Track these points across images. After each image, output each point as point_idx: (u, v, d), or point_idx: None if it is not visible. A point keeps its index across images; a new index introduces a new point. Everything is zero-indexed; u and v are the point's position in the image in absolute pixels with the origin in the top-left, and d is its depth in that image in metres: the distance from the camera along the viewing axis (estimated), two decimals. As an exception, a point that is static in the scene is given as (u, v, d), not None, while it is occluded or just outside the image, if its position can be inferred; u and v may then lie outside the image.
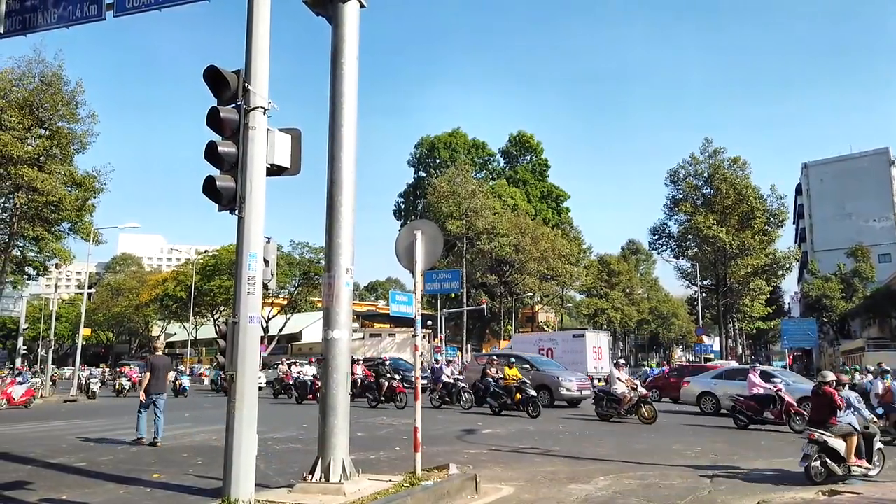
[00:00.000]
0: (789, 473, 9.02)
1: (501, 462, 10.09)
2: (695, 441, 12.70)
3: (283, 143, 7.14)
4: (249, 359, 6.52)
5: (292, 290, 57.22)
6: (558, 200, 73.68)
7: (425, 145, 72.45)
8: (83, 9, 9.11)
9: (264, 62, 6.99)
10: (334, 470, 7.05)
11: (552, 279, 59.84)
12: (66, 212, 33.29)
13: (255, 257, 6.64)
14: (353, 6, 7.88)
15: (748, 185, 50.34)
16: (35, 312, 60.42)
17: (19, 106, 31.17)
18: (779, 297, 74.06)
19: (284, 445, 12.04)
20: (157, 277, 73.57)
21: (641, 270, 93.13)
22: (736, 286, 52.62)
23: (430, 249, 8.51)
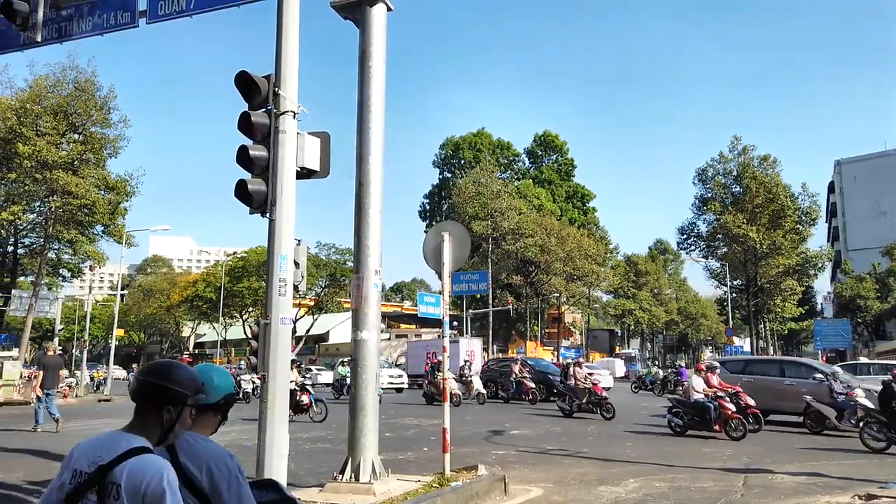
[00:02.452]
0: (823, 477, 8.86)
1: (530, 463, 10.07)
2: (725, 444, 12.53)
3: (313, 147, 7.22)
4: (281, 359, 6.60)
5: (319, 291, 57.70)
6: (584, 200, 73.23)
7: (450, 146, 72.53)
8: (117, 17, 9.31)
9: (294, 67, 7.08)
10: (364, 470, 7.11)
11: (578, 279, 59.49)
12: (99, 215, 33.96)
13: (285, 259, 6.72)
14: (380, 10, 7.94)
15: (778, 184, 49.44)
16: (69, 314, 61.74)
17: (54, 112, 31.89)
18: (811, 297, 72.69)
19: (314, 445, 12.16)
20: (188, 279, 74.81)
21: (669, 270, 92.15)
22: (767, 286, 51.74)
23: (457, 251, 8.53)
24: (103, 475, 2.02)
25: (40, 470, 9.57)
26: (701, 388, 13.74)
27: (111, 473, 2.01)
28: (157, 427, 2.20)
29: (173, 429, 2.24)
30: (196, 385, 2.32)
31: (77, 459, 2.13)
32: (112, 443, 2.10)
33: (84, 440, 2.21)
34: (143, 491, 1.97)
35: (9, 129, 31.13)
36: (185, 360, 65.88)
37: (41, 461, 10.50)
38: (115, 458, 2.04)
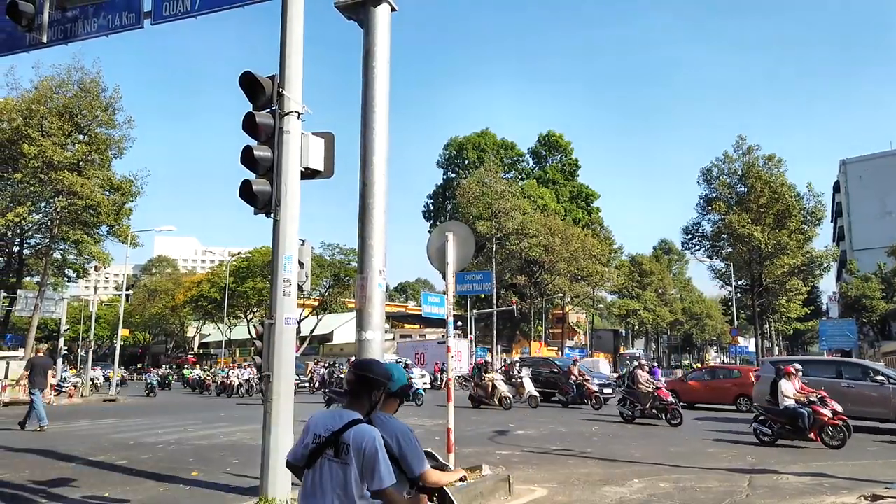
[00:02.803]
0: (829, 477, 8.83)
1: (534, 463, 10.06)
2: (730, 444, 12.50)
3: (317, 147, 7.23)
4: (285, 360, 6.62)
5: (323, 292, 57.79)
6: (588, 200, 73.15)
7: (454, 146, 72.52)
8: (122, 18, 9.34)
9: (298, 67, 7.09)
10: (368, 470, 7.11)
11: (583, 280, 59.43)
12: (104, 215, 34.07)
13: (290, 259, 6.74)
14: (384, 10, 7.94)
15: (783, 183, 49.26)
16: (75, 314, 62.03)
17: (59, 112, 32.01)
18: (816, 297, 72.48)
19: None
20: (192, 279, 75.05)
21: (674, 270, 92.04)
22: (772, 286, 51.56)
23: (461, 251, 8.52)
24: (337, 437, 3.01)
25: (45, 469, 9.61)
26: (792, 394, 12.52)
27: (342, 436, 3.00)
28: (366, 406, 3.22)
29: (375, 407, 3.28)
30: (388, 376, 3.33)
31: (315, 427, 3.13)
32: (339, 416, 3.10)
33: (317, 412, 3.28)
34: (363, 449, 2.96)
35: (14, 129, 31.26)
36: (190, 361, 65.72)
37: (47, 460, 10.54)
38: (343, 426, 3.03)
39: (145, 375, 38.68)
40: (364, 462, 2.96)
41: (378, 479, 2.96)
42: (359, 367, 3.35)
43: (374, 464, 2.98)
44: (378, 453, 2.95)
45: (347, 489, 2.97)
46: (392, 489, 3.02)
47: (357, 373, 3.28)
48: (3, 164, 32.54)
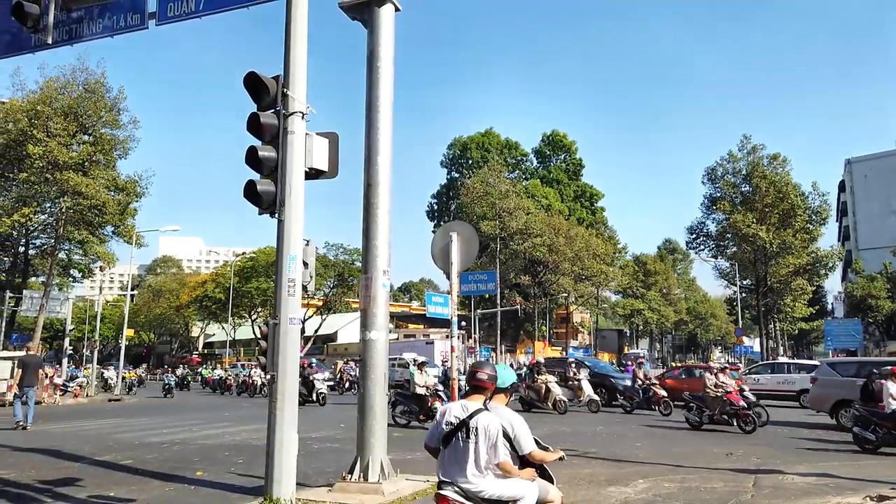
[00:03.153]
0: (834, 478, 8.80)
1: (538, 463, 10.04)
2: (735, 444, 12.46)
3: (321, 147, 7.24)
4: (290, 359, 6.63)
5: (328, 292, 57.85)
6: (592, 200, 73.03)
7: (458, 146, 72.49)
8: (127, 18, 9.37)
9: (302, 67, 7.10)
10: (373, 469, 7.13)
11: (587, 279, 59.35)
12: (109, 215, 34.16)
13: (294, 259, 6.75)
14: (388, 10, 7.96)
15: (788, 183, 49.14)
16: (80, 314, 62.17)
17: (64, 113, 32.12)
18: (821, 297, 72.26)
19: (322, 445, 12.19)
20: (197, 279, 75.20)
21: (678, 270, 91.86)
22: (777, 286, 51.43)
23: (465, 251, 8.53)
24: (466, 422, 4.08)
25: (51, 469, 9.64)
26: None
27: (469, 421, 4.07)
28: (482, 399, 4.32)
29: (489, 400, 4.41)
30: (496, 377, 4.40)
31: (448, 416, 4.21)
32: (465, 407, 4.20)
33: (449, 403, 4.51)
34: (487, 431, 4.03)
35: (20, 130, 31.38)
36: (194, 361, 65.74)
37: (52, 460, 10.57)
38: (469, 414, 4.11)
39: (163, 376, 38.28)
40: (488, 440, 4.04)
41: (498, 453, 4.07)
42: (474, 370, 4.41)
43: (496, 441, 4.06)
44: (498, 434, 4.08)
45: (477, 461, 4.05)
46: (507, 461, 4.13)
47: (473, 374, 4.37)
48: (9, 164, 32.68)
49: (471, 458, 4.04)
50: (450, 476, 4.11)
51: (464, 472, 4.05)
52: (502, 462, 4.07)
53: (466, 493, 4.02)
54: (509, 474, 4.11)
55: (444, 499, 4.00)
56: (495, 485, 4.08)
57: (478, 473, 4.05)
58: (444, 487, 4.07)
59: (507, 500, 4.08)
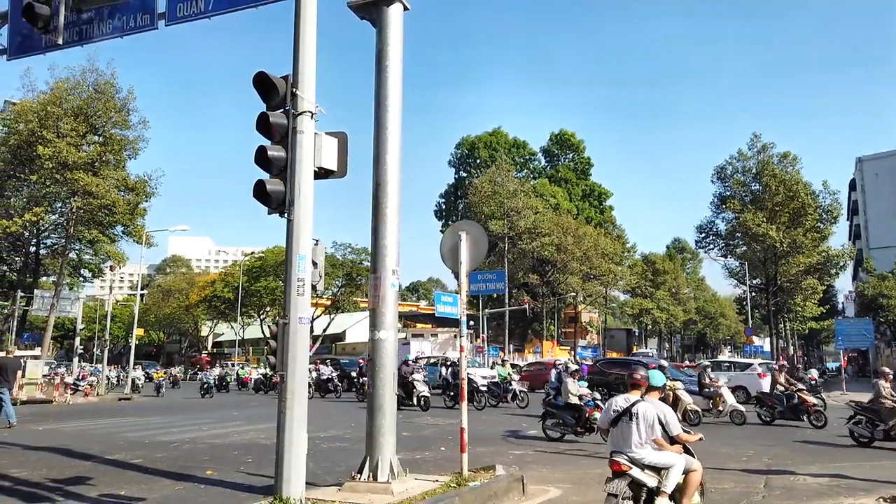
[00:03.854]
0: (846, 479, 8.72)
1: (548, 463, 10.03)
2: (746, 444, 12.38)
3: (330, 147, 7.23)
4: (300, 359, 6.62)
5: (336, 291, 57.96)
6: (601, 199, 72.79)
7: (466, 145, 72.40)
8: (136, 19, 9.41)
9: (311, 67, 7.09)
10: (382, 469, 7.11)
11: (595, 279, 59.17)
12: (119, 215, 34.37)
13: (304, 259, 6.74)
14: (396, 9, 7.94)
15: (799, 181, 48.72)
16: (90, 313, 62.58)
17: (74, 114, 32.32)
18: (832, 296, 71.69)
19: (332, 444, 12.20)
20: (206, 279, 75.56)
21: (688, 270, 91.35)
22: (787, 285, 51.06)
23: (474, 250, 8.48)
24: (629, 410, 5.51)
25: (62, 468, 9.70)
26: None
27: (632, 409, 5.50)
28: (639, 393, 5.70)
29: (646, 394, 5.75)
30: (648, 378, 5.78)
31: (614, 405, 5.66)
32: (626, 399, 5.62)
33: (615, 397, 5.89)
34: (645, 415, 5.44)
35: (30, 131, 31.61)
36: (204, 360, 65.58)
37: (63, 459, 10.63)
38: (631, 403, 5.54)
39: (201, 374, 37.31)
40: (645, 422, 5.49)
41: (654, 432, 5.50)
42: (632, 372, 5.91)
43: (652, 424, 5.49)
44: (654, 418, 5.50)
45: (638, 437, 5.50)
46: (660, 438, 5.53)
47: (631, 376, 5.87)
48: (20, 165, 32.93)
49: (633, 435, 5.50)
50: (619, 448, 5.57)
51: (629, 445, 5.51)
52: (657, 438, 5.51)
53: (632, 460, 5.45)
54: (662, 448, 5.54)
55: (616, 464, 5.45)
56: (652, 455, 5.50)
57: (639, 446, 5.48)
58: (615, 455, 5.52)
59: (662, 466, 5.49)
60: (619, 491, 5.32)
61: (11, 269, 40.56)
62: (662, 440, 5.52)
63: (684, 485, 5.59)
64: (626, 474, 5.40)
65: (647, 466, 5.46)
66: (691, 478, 5.62)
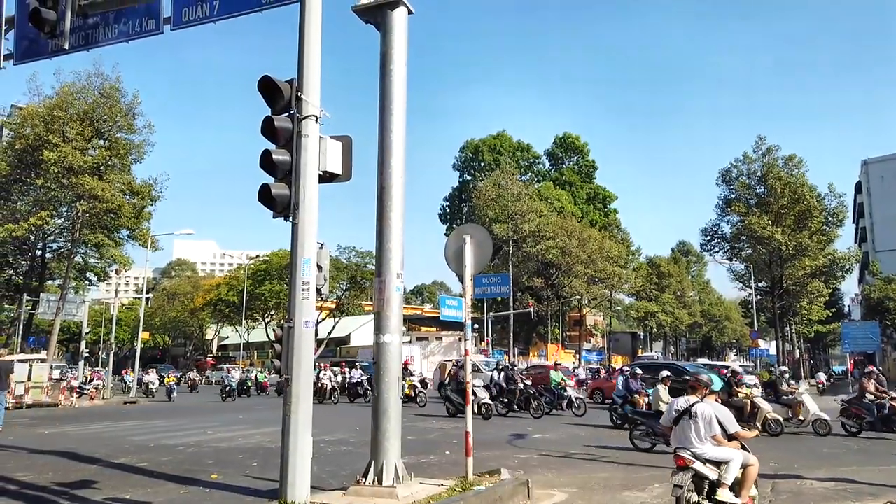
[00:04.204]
0: (854, 483, 8.67)
1: (553, 468, 9.99)
2: (753, 448, 12.29)
3: (335, 151, 7.23)
4: (304, 363, 6.62)
5: (340, 294, 57.98)
6: (605, 202, 72.69)
7: (470, 148, 72.40)
8: (142, 24, 9.45)
9: (316, 71, 7.10)
10: (387, 473, 7.10)
11: (600, 282, 59.04)
12: (124, 219, 34.50)
13: (308, 263, 6.74)
14: (401, 13, 7.95)
15: (804, 184, 48.57)
16: (96, 317, 62.71)
17: (80, 118, 32.47)
18: (838, 299, 71.35)
19: (336, 448, 12.19)
20: (211, 282, 75.61)
21: (693, 273, 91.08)
22: (793, 288, 50.86)
23: (479, 254, 8.46)
24: (689, 409, 6.26)
25: (68, 471, 9.71)
26: None
27: (692, 409, 6.24)
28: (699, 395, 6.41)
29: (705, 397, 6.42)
30: (710, 383, 6.60)
31: (675, 405, 6.48)
32: (687, 400, 6.39)
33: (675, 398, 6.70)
34: (704, 414, 6.15)
35: (36, 135, 31.76)
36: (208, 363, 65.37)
37: (69, 462, 10.65)
38: (691, 404, 6.29)
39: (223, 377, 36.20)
40: (704, 420, 6.15)
41: (712, 429, 6.13)
42: (694, 376, 7.05)
43: (710, 422, 6.13)
44: (712, 417, 6.15)
45: (698, 434, 6.14)
46: (718, 435, 6.14)
47: (693, 380, 6.72)
48: (27, 169, 33.08)
49: (693, 432, 6.16)
50: (681, 444, 6.22)
51: (690, 442, 6.15)
52: (715, 435, 6.14)
53: (694, 454, 6.08)
54: (721, 444, 6.16)
55: (680, 458, 6.06)
56: (712, 450, 6.13)
57: (699, 442, 6.12)
58: (679, 451, 6.15)
59: (721, 461, 6.11)
60: (683, 483, 5.93)
61: (17, 272, 40.72)
62: (720, 437, 6.15)
63: (742, 478, 6.16)
64: (690, 468, 6.00)
65: (708, 461, 6.08)
66: (749, 472, 6.22)
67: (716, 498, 6.05)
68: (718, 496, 6.03)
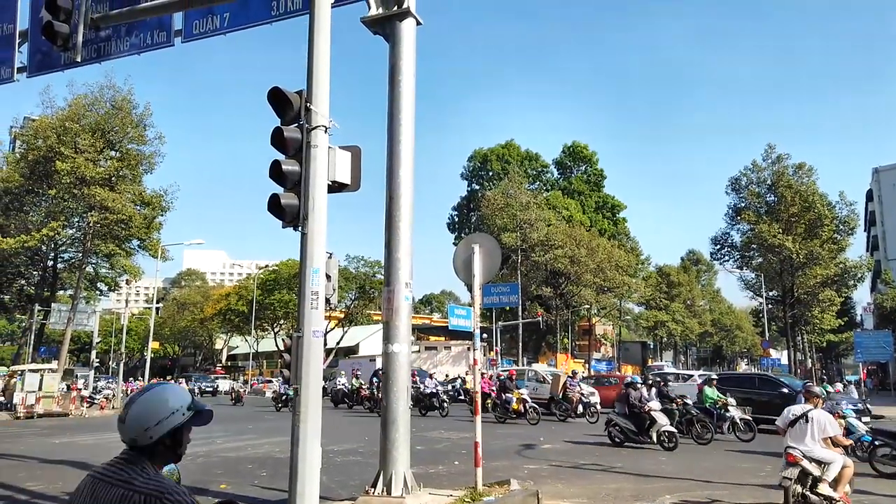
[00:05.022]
0: (869, 494, 8.57)
1: (563, 478, 9.93)
2: (765, 460, 12.20)
3: (344, 161, 7.26)
4: (313, 372, 6.62)
5: (349, 304, 58.04)
6: (614, 211, 72.51)
7: (478, 158, 72.50)
8: (153, 36, 9.57)
9: (325, 82, 7.15)
10: (396, 483, 7.08)
11: (609, 291, 58.79)
12: (135, 229, 34.73)
13: (318, 272, 6.75)
14: (409, 24, 8.00)
15: (815, 192, 48.30)
16: (107, 327, 63.08)
17: (92, 129, 32.79)
18: (850, 308, 70.77)
19: (346, 458, 12.17)
20: (220, 292, 75.86)
21: (703, 281, 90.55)
22: (804, 297, 50.48)
23: (488, 263, 8.47)
24: (805, 414, 7.24)
25: (78, 480, 9.69)
26: None
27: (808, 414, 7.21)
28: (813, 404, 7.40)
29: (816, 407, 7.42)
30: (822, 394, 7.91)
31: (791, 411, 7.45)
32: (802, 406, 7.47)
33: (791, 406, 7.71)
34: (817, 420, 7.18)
35: (49, 147, 32.08)
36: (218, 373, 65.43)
37: (80, 472, 10.67)
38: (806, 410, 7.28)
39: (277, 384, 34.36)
40: (817, 425, 7.07)
41: (824, 432, 7.06)
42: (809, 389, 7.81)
43: (823, 426, 7.09)
44: (824, 423, 7.10)
45: (812, 437, 7.04)
46: (827, 438, 7.06)
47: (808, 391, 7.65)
48: (39, 180, 33.40)
49: (808, 434, 7.11)
50: (794, 444, 7.15)
51: (803, 442, 7.11)
52: (826, 438, 7.11)
53: (803, 453, 7.05)
54: (828, 447, 7.12)
55: (791, 455, 7.05)
56: (820, 451, 7.08)
57: (810, 443, 7.08)
58: (790, 449, 7.12)
59: (825, 461, 7.05)
60: (791, 476, 7.03)
61: (29, 282, 41.04)
62: (828, 440, 7.13)
63: (840, 476, 7.08)
64: (798, 464, 7.01)
65: (814, 459, 7.06)
66: (846, 472, 7.11)
67: (817, 491, 7.02)
68: (819, 490, 7.01)
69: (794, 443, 7.18)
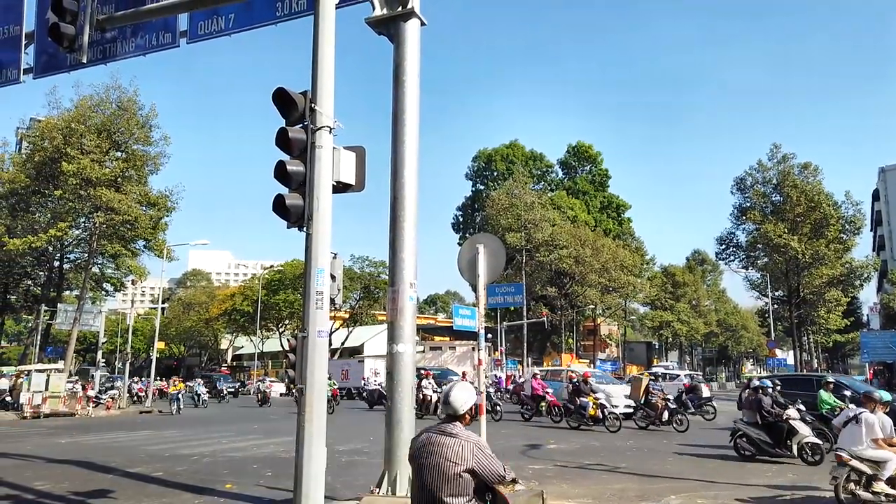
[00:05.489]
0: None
1: (567, 478, 9.92)
2: (770, 459, 12.16)
3: (348, 161, 7.26)
4: (318, 372, 6.62)
5: (354, 304, 58.11)
6: (619, 211, 72.40)
7: (483, 158, 72.51)
8: (159, 37, 9.60)
9: (330, 82, 7.15)
10: (401, 483, 7.09)
11: (614, 291, 58.71)
12: (141, 230, 34.87)
13: (322, 273, 6.76)
14: (413, 25, 8.00)
15: (820, 192, 48.13)
16: (112, 327, 63.32)
17: (98, 130, 32.92)
18: (856, 308, 70.54)
19: (351, 458, 12.18)
20: (226, 292, 76.06)
21: (708, 281, 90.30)
22: (810, 297, 50.32)
23: (492, 263, 8.47)
24: (857, 416, 7.89)
25: (85, 481, 9.78)
26: None
27: (860, 416, 7.85)
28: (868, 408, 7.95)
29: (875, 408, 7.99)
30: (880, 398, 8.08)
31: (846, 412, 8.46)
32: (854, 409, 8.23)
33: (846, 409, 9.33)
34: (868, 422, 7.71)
35: (55, 148, 32.23)
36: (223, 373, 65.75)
37: (86, 472, 10.73)
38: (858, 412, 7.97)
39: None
40: (868, 426, 7.58)
41: (873, 433, 7.53)
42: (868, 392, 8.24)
43: (871, 427, 7.57)
44: (873, 425, 7.56)
45: (861, 438, 7.55)
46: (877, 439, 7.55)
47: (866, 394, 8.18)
48: (45, 181, 33.56)
49: (857, 435, 7.62)
50: (845, 445, 7.65)
51: (855, 442, 7.59)
52: (877, 439, 7.55)
53: (852, 453, 7.49)
54: (879, 447, 7.54)
55: (839, 457, 7.50)
56: (871, 451, 7.54)
57: (862, 444, 7.55)
58: (839, 451, 7.60)
59: (879, 460, 7.48)
60: (840, 475, 7.46)
61: (36, 283, 41.25)
62: (880, 441, 7.55)
63: None
64: (847, 464, 7.41)
65: (866, 459, 7.48)
66: None
67: (873, 489, 7.43)
68: (874, 488, 7.44)
69: (844, 443, 7.66)
